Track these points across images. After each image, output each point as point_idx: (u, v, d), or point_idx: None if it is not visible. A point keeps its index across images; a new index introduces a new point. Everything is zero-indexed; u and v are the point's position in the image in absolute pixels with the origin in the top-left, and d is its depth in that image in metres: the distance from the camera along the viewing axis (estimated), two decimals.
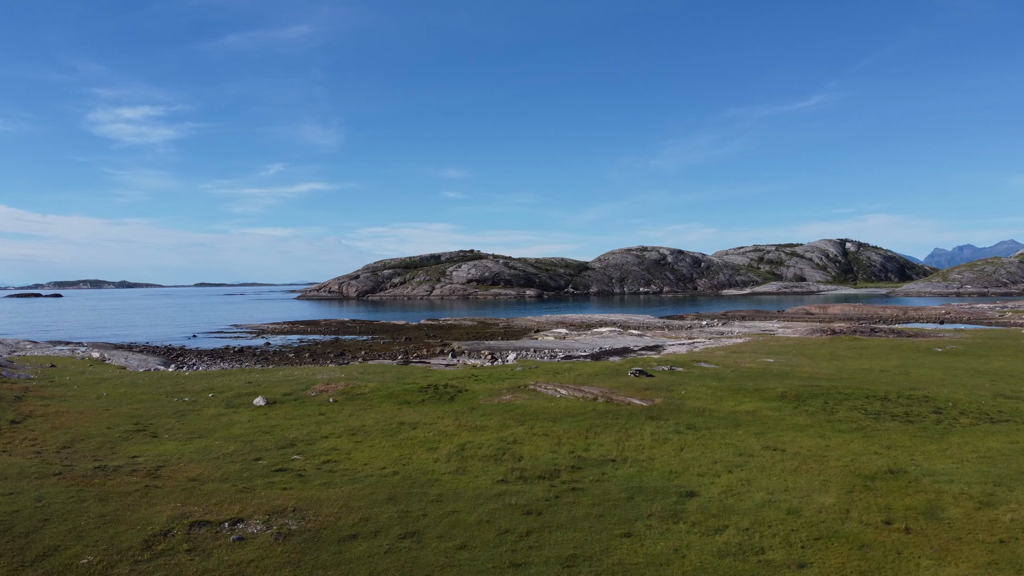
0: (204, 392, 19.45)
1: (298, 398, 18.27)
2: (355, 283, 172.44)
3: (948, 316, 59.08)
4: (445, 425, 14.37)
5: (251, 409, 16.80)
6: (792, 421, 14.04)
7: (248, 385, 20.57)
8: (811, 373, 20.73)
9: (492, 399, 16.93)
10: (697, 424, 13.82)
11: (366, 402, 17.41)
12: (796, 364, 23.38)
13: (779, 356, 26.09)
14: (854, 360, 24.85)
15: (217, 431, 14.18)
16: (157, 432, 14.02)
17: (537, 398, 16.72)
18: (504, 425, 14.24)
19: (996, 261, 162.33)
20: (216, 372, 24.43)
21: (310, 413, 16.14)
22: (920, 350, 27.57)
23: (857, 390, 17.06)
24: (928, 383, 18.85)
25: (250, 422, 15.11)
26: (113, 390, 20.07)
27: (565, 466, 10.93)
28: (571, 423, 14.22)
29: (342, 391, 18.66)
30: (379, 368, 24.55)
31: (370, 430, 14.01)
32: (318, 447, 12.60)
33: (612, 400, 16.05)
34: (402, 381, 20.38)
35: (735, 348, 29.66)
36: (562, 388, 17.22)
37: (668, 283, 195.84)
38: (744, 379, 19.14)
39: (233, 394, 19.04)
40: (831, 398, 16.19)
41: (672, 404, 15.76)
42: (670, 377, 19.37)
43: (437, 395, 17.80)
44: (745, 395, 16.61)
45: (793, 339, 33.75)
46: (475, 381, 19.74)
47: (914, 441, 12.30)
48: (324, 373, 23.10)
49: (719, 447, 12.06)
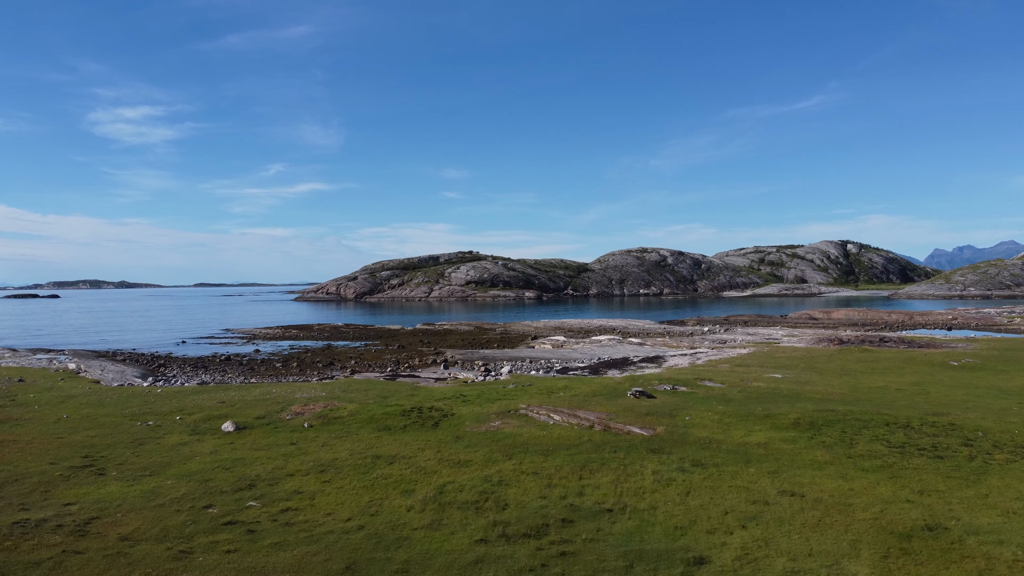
0: (172, 414, 18.10)
1: (271, 422, 16.93)
2: (353, 285, 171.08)
3: (956, 322, 57.72)
4: (425, 459, 13.03)
5: (217, 436, 15.45)
6: (809, 456, 12.69)
7: (221, 405, 19.22)
8: (824, 394, 19.38)
9: (480, 426, 15.58)
10: (704, 460, 12.47)
11: (343, 428, 16.06)
12: (806, 381, 22.03)
13: (787, 371, 24.73)
14: (867, 376, 23.50)
15: (173, 466, 12.82)
16: (106, 468, 12.67)
17: (528, 425, 15.37)
18: (490, 459, 12.89)
19: (999, 263, 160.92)
20: (191, 389, 23.08)
21: (280, 442, 14.79)
22: (935, 364, 26.22)
23: (876, 416, 15.71)
24: (951, 406, 17.51)
25: (212, 454, 13.75)
26: (76, 411, 18.72)
27: (555, 519, 9.58)
28: (564, 457, 12.88)
29: (319, 414, 17.31)
30: (363, 385, 23.20)
31: (342, 465, 12.66)
32: (280, 489, 11.25)
33: (610, 428, 14.70)
34: (385, 402, 19.03)
35: (740, 361, 28.30)
36: (555, 413, 15.87)
37: (668, 285, 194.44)
38: (753, 402, 17.78)
39: (202, 416, 17.69)
40: (849, 426, 14.84)
41: (675, 434, 14.41)
42: (672, 399, 18.02)
43: (421, 420, 16.44)
44: (755, 422, 15.25)
45: (800, 350, 32.40)
46: (463, 403, 18.38)
47: (948, 484, 10.95)
48: (304, 391, 21.75)
49: (729, 491, 10.72)
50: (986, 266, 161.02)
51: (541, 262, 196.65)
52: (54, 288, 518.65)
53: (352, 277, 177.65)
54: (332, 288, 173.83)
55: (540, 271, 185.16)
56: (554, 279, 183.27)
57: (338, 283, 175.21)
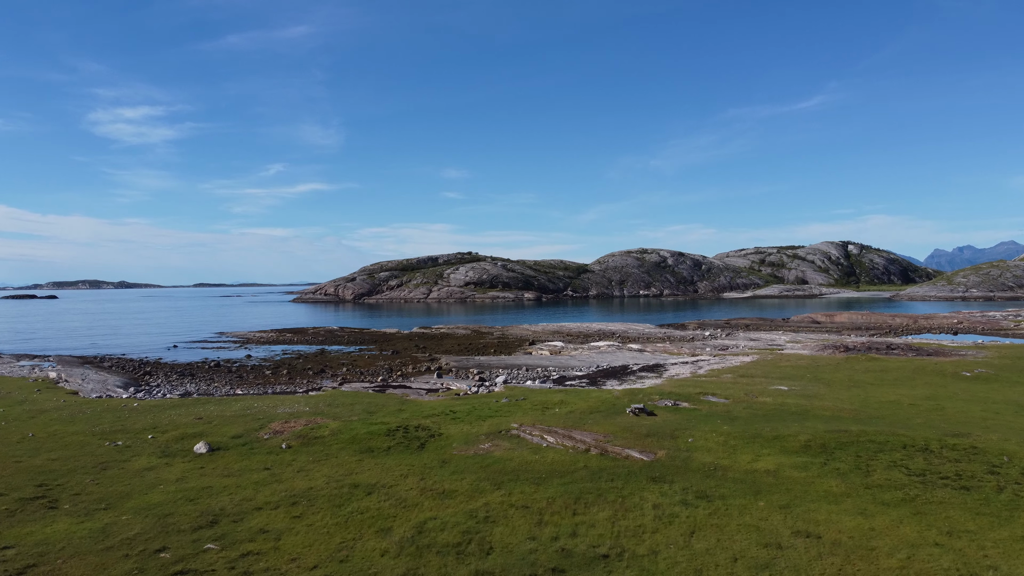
0: (144, 432, 17.11)
1: (248, 442, 15.93)
2: (351, 286, 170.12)
3: (961, 326, 56.72)
4: (407, 489, 12.03)
5: (188, 460, 14.45)
6: (823, 486, 11.68)
7: (197, 422, 18.23)
8: (833, 410, 18.37)
9: (468, 448, 14.58)
10: (709, 491, 11.47)
11: (323, 449, 15.07)
12: (814, 395, 21.03)
13: (793, 382, 23.74)
14: (876, 388, 22.51)
15: (133, 497, 11.82)
16: (59, 500, 11.67)
17: (520, 448, 14.37)
18: (477, 489, 11.89)
19: (1001, 264, 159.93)
20: (169, 403, 22.07)
21: (254, 467, 13.79)
22: (947, 374, 25.22)
23: (892, 437, 14.70)
24: (970, 424, 16.51)
25: (178, 482, 12.76)
26: (44, 428, 17.73)
27: (544, 567, 8.58)
28: (557, 487, 11.88)
29: (299, 433, 16.31)
30: (350, 398, 22.20)
31: (316, 496, 11.66)
32: (245, 527, 10.25)
33: (607, 452, 13.70)
34: (371, 419, 18.03)
35: (743, 370, 27.31)
36: (549, 435, 14.87)
37: (668, 286, 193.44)
38: (759, 420, 16.78)
39: (176, 435, 16.69)
40: (864, 449, 13.84)
41: (678, 458, 13.41)
42: (674, 417, 17.02)
43: (406, 441, 15.44)
44: (763, 445, 14.25)
45: (805, 358, 31.40)
46: (452, 420, 17.38)
47: (978, 523, 9.95)
48: (288, 405, 20.76)
49: (738, 531, 9.72)
50: (988, 267, 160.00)
51: (540, 263, 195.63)
52: (53, 288, 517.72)
53: (350, 278, 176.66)
54: (330, 289, 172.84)
55: (539, 272, 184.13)
56: (553, 280, 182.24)
57: (336, 284, 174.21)
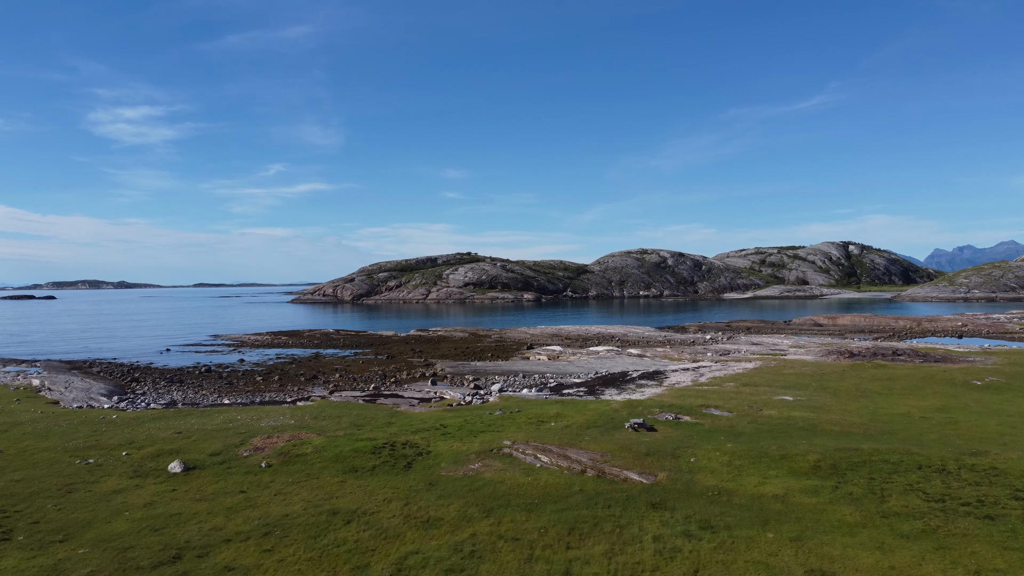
0: (119, 449, 16.30)
1: (226, 460, 15.12)
2: (350, 286, 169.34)
3: (966, 329, 55.91)
4: (389, 516, 11.22)
5: (160, 480, 13.64)
6: (836, 515, 10.87)
7: (176, 437, 17.42)
8: (842, 424, 17.56)
9: (457, 468, 13.77)
10: (713, 520, 10.65)
11: (304, 469, 14.26)
12: (820, 406, 20.22)
13: (798, 392, 22.92)
14: (885, 399, 21.70)
15: (95, 526, 11.01)
16: (14, 529, 10.85)
17: (512, 468, 13.56)
18: (464, 517, 11.08)
19: (1003, 265, 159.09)
20: (150, 415, 21.25)
21: (229, 489, 12.98)
22: (956, 383, 24.41)
23: (906, 456, 13.89)
24: (986, 441, 15.70)
25: (147, 507, 11.95)
26: (14, 444, 16.92)
27: None
28: (551, 514, 11.07)
29: (281, 450, 15.50)
30: (338, 409, 21.39)
31: (291, 525, 10.84)
32: (210, 563, 9.44)
33: (604, 474, 12.89)
34: (358, 433, 17.22)
35: (746, 378, 26.49)
36: (543, 454, 14.05)
37: (668, 286, 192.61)
38: (765, 437, 15.97)
39: (152, 452, 15.88)
40: (877, 470, 13.02)
41: (679, 481, 12.59)
42: (676, 432, 16.20)
43: (392, 459, 14.63)
44: (770, 465, 13.43)
45: (809, 364, 30.58)
46: (442, 436, 16.56)
47: (1007, 559, 9.14)
48: (273, 417, 19.95)
49: (746, 569, 8.91)
50: (990, 268, 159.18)
51: (540, 263, 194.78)
52: (53, 289, 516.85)
53: (349, 279, 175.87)
54: (329, 290, 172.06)
55: (539, 273, 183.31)
56: (553, 281, 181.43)
57: (335, 285, 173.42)
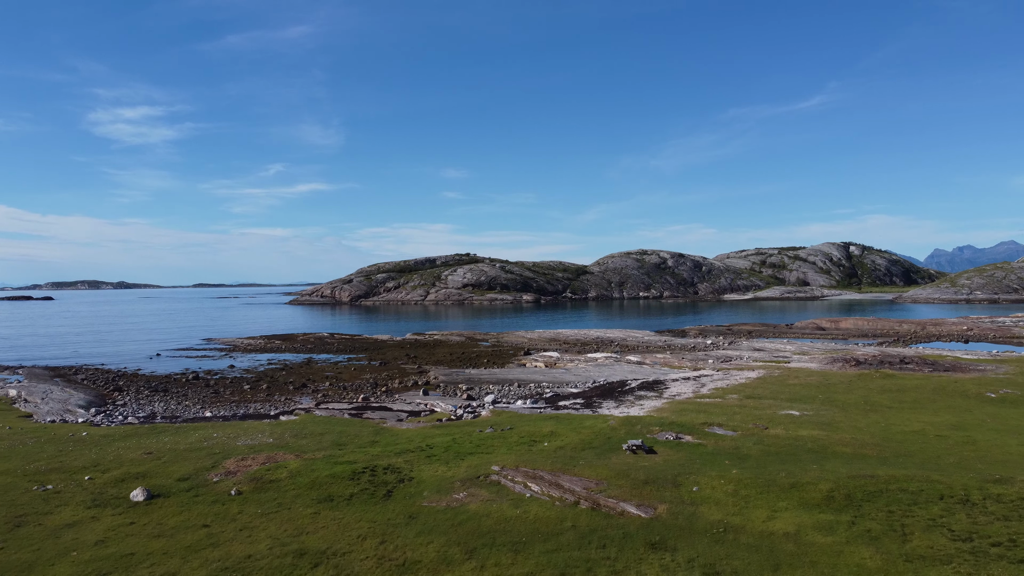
0: (83, 472, 15.26)
1: (195, 486, 14.08)
2: (348, 287, 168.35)
3: (971, 334, 54.86)
4: (362, 557, 10.18)
5: (119, 511, 12.60)
6: (854, 557, 9.83)
7: (146, 458, 16.38)
8: (854, 445, 16.50)
9: (441, 499, 12.73)
10: (719, 565, 9.62)
11: (276, 497, 13.22)
12: (829, 422, 19.18)
13: (805, 405, 21.88)
14: (896, 414, 20.67)
15: (35, 570, 9.98)
16: None
17: (500, 498, 12.52)
18: (444, 559, 10.05)
19: (1005, 266, 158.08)
20: (123, 432, 20.20)
21: (192, 522, 11.94)
22: (970, 396, 23.37)
23: (926, 485, 12.84)
24: (1010, 464, 14.65)
25: (98, 545, 10.91)
26: None
27: None
28: (540, 556, 10.03)
29: (254, 475, 14.46)
30: (322, 426, 20.35)
31: (252, 571, 9.81)
32: None
33: (599, 506, 11.85)
34: (338, 454, 16.18)
35: (750, 389, 25.46)
36: (534, 481, 13.02)
37: (668, 287, 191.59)
38: (772, 460, 14.93)
39: (117, 476, 14.85)
40: (896, 501, 11.98)
41: (681, 515, 11.55)
42: (676, 455, 15.16)
43: (372, 487, 13.59)
44: (779, 495, 12.39)
45: (815, 373, 29.55)
46: (427, 459, 15.52)
47: None
48: (251, 435, 18.91)
49: None
50: (992, 269, 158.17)
51: (539, 264, 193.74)
52: (52, 289, 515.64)
53: (347, 280, 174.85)
54: (327, 291, 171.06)
55: (538, 274, 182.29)
56: (552, 282, 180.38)
57: (333, 286, 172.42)
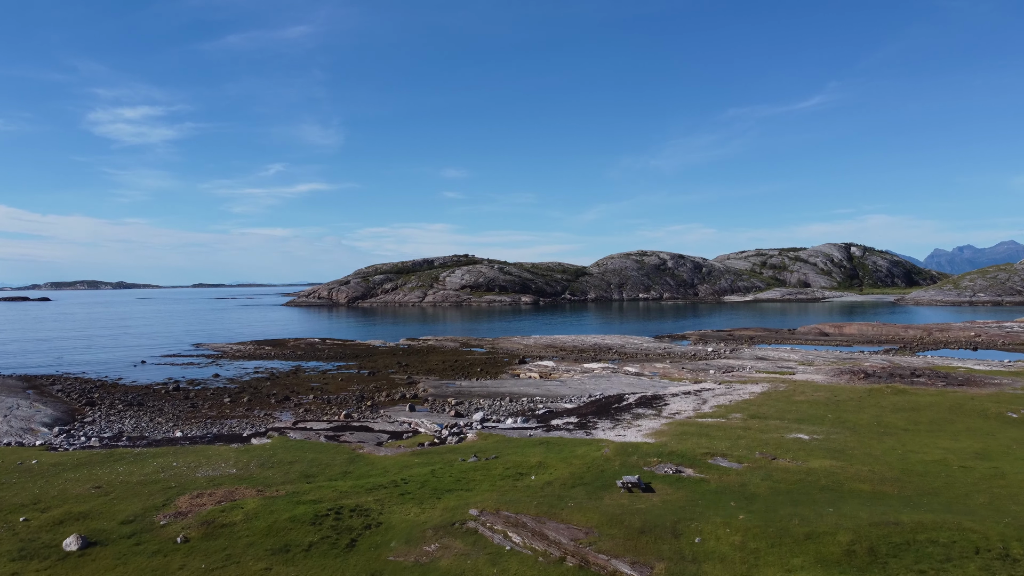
0: (19, 512, 13.80)
1: (137, 531, 12.61)
2: (345, 289, 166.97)
3: (980, 340, 53.38)
4: None
5: (46, 565, 11.14)
6: None
7: (93, 493, 14.92)
8: (871, 481, 15.01)
9: (410, 550, 11.26)
10: None
11: (227, 546, 11.75)
12: (842, 449, 17.70)
13: (814, 427, 20.42)
14: (912, 437, 19.21)
15: None
16: None
17: (476, 552, 11.05)
18: None
19: (1008, 268, 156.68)
20: (77, 459, 18.71)
21: None
22: (990, 416, 21.90)
23: (958, 535, 11.37)
24: None
25: None
26: None
27: None
28: None
29: (205, 517, 12.99)
30: (293, 452, 18.88)
31: None
32: None
33: (588, 564, 10.39)
34: (304, 490, 14.71)
35: (755, 407, 23.99)
36: (516, 530, 11.55)
37: (668, 289, 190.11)
38: (783, 501, 13.45)
39: (56, 516, 13.39)
40: (926, 557, 10.51)
41: None
42: (676, 494, 13.69)
43: (335, 533, 12.12)
44: (793, 549, 10.91)
45: (822, 388, 28.09)
46: (401, 496, 14.04)
47: None
48: (214, 463, 17.44)
49: None
50: (995, 271, 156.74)
51: (538, 266, 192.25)
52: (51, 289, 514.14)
53: (344, 281, 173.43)
54: (325, 292, 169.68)
55: (537, 275, 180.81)
56: (551, 283, 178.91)
57: (330, 287, 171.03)
